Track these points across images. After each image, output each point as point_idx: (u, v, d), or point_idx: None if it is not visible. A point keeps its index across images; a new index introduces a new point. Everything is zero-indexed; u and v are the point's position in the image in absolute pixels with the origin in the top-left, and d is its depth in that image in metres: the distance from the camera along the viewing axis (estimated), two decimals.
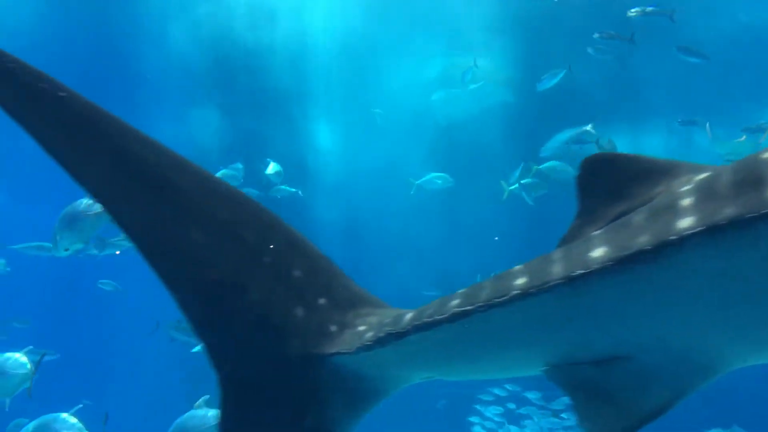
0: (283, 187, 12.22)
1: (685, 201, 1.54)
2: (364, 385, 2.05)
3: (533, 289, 1.65)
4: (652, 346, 1.70)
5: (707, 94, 12.44)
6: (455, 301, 1.79)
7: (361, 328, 2.01)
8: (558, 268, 1.65)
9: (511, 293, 1.69)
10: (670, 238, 1.48)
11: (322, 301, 2.06)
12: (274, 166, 11.93)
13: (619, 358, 1.74)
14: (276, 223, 2.09)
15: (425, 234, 14.79)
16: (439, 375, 2.12)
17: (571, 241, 1.82)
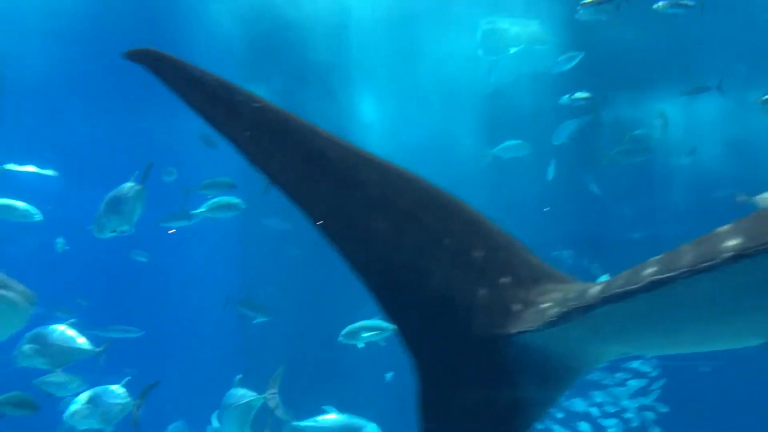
0: None
1: None
2: (553, 364, 2.02)
3: (751, 250, 1.49)
4: None
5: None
6: (650, 269, 1.69)
7: (546, 305, 1.97)
8: None
9: (723, 256, 1.53)
10: None
11: (505, 279, 2.05)
12: None
13: None
14: (454, 204, 2.12)
15: (473, 206, 14.62)
16: (634, 350, 2.07)
17: None
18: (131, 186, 7.24)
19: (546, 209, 13.38)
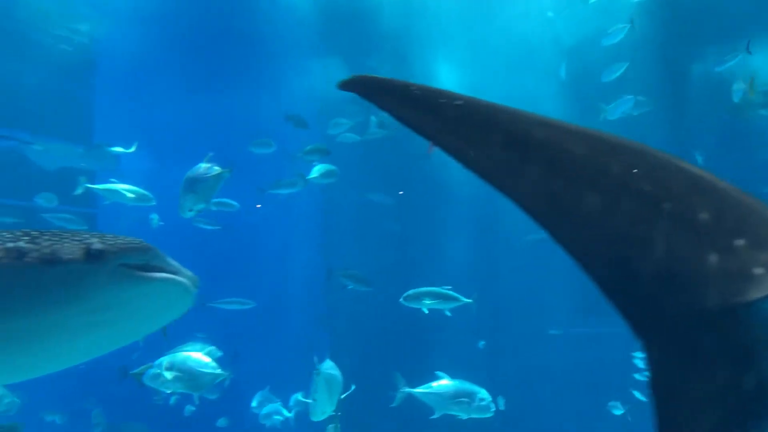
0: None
1: None
2: None
3: None
4: None
5: None
6: None
7: None
8: None
9: None
10: None
11: (739, 242, 1.87)
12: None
13: None
14: (671, 164, 1.94)
15: None
16: None
17: None
18: (206, 166, 7.48)
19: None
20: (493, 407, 8.34)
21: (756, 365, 1.82)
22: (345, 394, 7.41)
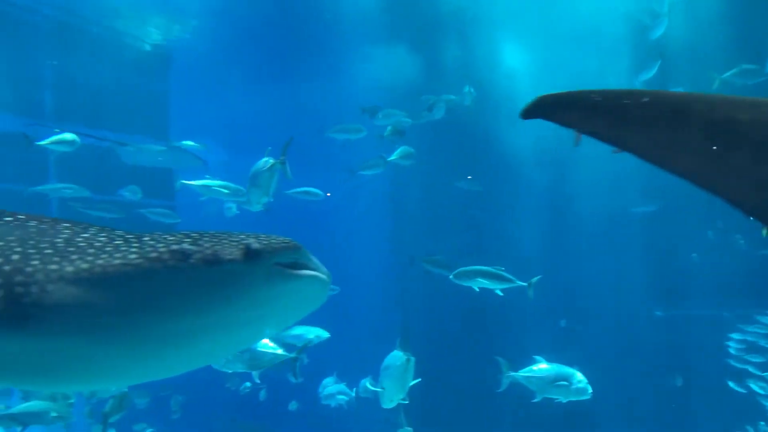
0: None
1: None
2: None
3: None
4: None
5: None
6: None
7: None
8: None
9: None
10: None
11: None
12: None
13: None
14: None
15: (628, 156, 13.68)
16: None
17: None
18: (265, 161, 7.76)
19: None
20: (590, 389, 8.27)
21: None
22: (414, 382, 7.42)
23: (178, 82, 16.14)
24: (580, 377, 8.33)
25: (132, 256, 2.41)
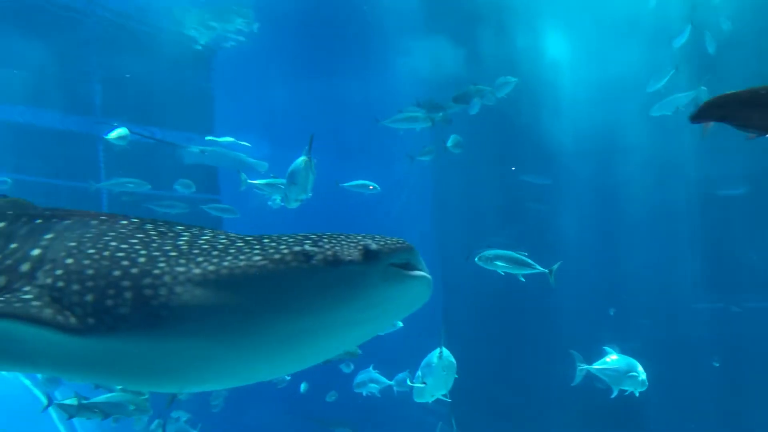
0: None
1: None
2: None
3: None
4: None
5: None
6: None
7: None
8: None
9: None
10: None
11: None
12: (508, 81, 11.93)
13: None
14: None
15: (676, 146, 13.40)
16: None
17: None
18: (302, 159, 7.97)
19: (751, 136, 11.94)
20: (647, 382, 8.23)
21: None
22: (454, 378, 7.39)
23: (222, 78, 16.39)
24: (641, 368, 8.28)
25: (256, 258, 2.44)
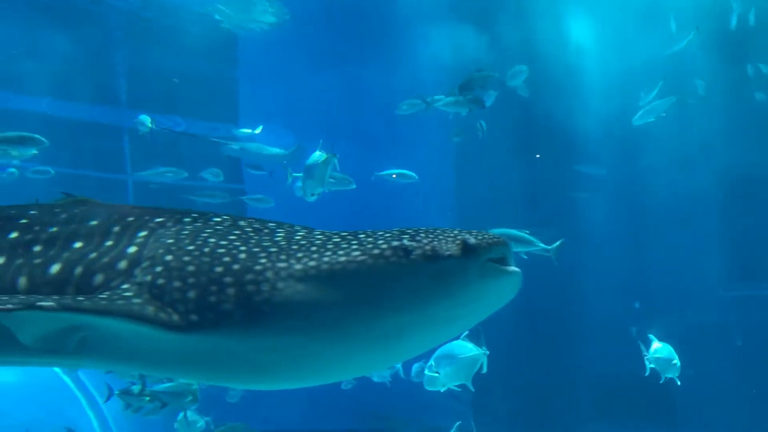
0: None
1: None
2: None
3: None
4: None
5: None
6: None
7: None
8: None
9: None
10: None
11: None
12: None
13: None
14: None
15: (704, 133, 13.17)
16: None
17: None
18: (318, 154, 8.12)
19: None
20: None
21: None
22: (475, 371, 7.37)
23: (247, 67, 16.46)
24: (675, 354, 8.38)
25: (355, 253, 2.43)
